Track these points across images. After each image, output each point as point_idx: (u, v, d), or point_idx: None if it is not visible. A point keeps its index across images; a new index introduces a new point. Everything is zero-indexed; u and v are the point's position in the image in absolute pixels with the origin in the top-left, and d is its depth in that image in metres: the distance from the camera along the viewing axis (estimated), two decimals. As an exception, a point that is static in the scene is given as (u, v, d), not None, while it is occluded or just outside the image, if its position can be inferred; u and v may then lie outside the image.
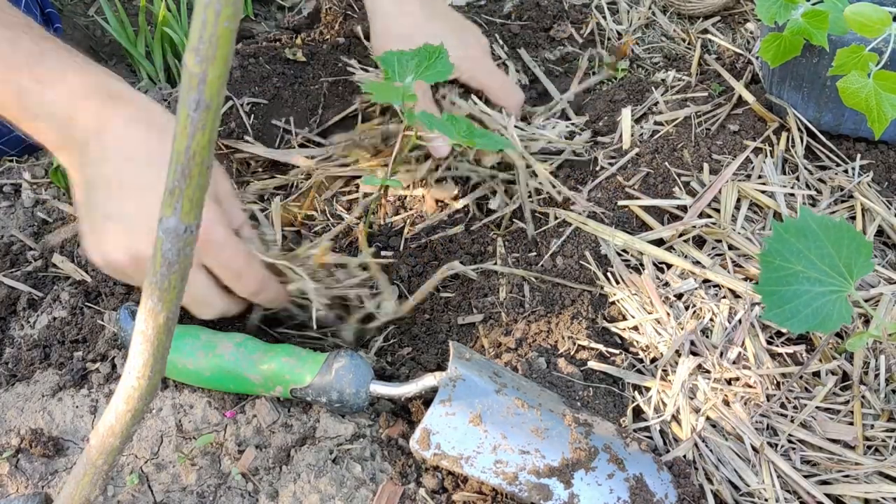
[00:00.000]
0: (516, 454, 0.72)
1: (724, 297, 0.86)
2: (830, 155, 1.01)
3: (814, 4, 0.90)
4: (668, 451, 0.76)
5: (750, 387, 0.79)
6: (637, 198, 0.95)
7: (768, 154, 1.00)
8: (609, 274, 0.89)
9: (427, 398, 0.75)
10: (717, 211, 0.94)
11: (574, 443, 0.72)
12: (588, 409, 0.78)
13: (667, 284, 0.88)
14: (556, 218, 0.95)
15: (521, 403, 0.74)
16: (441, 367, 0.84)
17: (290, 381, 0.74)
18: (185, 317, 0.86)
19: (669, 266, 0.90)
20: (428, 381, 0.75)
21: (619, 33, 1.23)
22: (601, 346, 0.83)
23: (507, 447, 0.72)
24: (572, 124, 1.10)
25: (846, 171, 0.99)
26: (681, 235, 0.92)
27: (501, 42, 1.24)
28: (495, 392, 0.74)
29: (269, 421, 0.76)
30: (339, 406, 0.75)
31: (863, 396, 0.79)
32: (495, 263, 0.92)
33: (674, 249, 0.91)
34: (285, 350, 0.77)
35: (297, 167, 1.05)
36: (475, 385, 0.74)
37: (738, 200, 0.95)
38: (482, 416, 0.73)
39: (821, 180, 0.99)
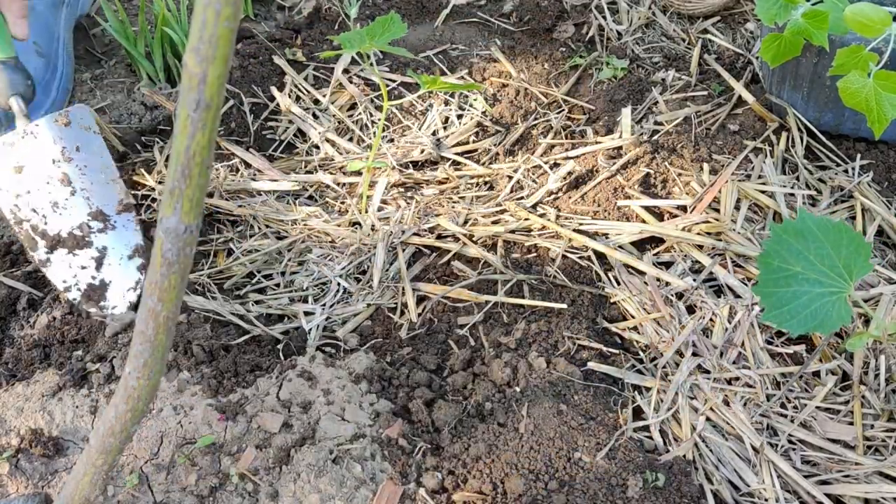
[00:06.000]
0: (29, 210, 0.91)
1: (725, 297, 0.86)
2: (830, 155, 1.01)
3: (814, 5, 0.90)
4: (668, 451, 0.76)
5: (750, 387, 0.79)
6: (637, 198, 0.95)
7: (768, 154, 1.00)
8: (609, 274, 0.89)
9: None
10: (717, 211, 0.94)
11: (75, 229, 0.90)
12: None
13: (667, 284, 0.88)
14: (556, 217, 0.95)
15: (65, 181, 0.92)
16: (441, 367, 0.84)
17: None
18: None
19: (669, 266, 0.90)
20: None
21: (619, 33, 1.23)
22: (601, 346, 0.83)
23: (28, 200, 0.91)
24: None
25: (846, 171, 0.99)
26: (681, 235, 0.92)
27: (500, 42, 1.24)
28: (51, 161, 0.92)
29: (269, 421, 0.76)
30: None
31: (863, 396, 0.79)
32: (495, 270, 0.92)
33: (674, 249, 0.91)
34: None
35: None
36: (41, 147, 0.92)
37: (738, 200, 0.95)
38: (23, 169, 0.92)
39: (821, 180, 0.99)
